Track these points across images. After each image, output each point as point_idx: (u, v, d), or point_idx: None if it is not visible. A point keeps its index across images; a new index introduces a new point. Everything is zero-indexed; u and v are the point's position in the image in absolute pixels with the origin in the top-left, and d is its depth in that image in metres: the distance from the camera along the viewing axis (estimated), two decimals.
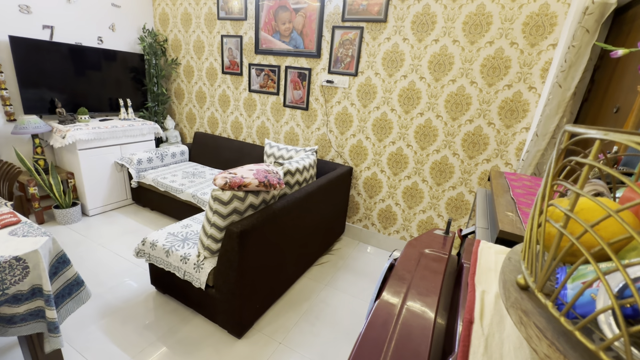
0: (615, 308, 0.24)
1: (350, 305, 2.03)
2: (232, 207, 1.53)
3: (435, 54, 2.19)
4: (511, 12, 1.93)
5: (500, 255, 0.71)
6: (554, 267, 0.32)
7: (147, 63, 3.29)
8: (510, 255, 0.47)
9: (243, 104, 3.14)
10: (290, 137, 2.97)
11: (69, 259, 1.27)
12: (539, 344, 0.30)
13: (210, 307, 1.72)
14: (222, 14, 2.95)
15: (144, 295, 1.92)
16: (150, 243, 1.77)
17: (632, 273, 0.26)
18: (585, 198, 0.33)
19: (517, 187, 1.29)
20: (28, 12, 2.51)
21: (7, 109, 2.47)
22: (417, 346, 0.52)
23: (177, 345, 1.61)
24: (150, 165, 2.99)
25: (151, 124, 3.13)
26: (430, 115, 2.32)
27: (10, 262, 1.04)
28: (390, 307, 0.61)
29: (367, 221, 2.81)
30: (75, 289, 1.31)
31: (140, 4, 3.31)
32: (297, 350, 1.65)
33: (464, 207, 2.38)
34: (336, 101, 2.64)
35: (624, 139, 0.26)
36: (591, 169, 0.31)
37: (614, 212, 0.26)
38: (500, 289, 0.41)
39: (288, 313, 1.90)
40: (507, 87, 2.04)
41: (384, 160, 2.58)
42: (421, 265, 0.77)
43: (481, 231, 1.11)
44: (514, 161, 2.15)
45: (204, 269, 1.58)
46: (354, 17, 2.37)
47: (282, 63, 2.80)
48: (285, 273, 2.00)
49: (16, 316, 1.12)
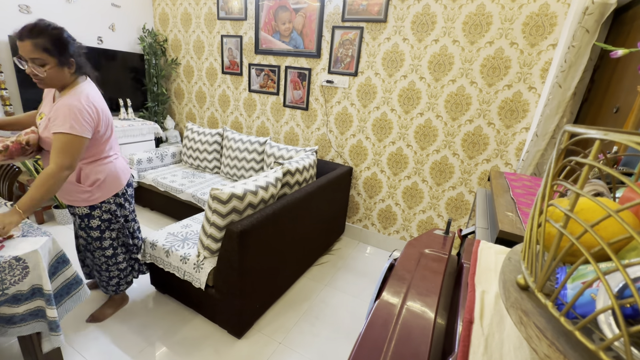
0: (615, 308, 0.24)
1: (350, 305, 2.03)
2: (231, 206, 1.53)
3: (435, 54, 2.19)
4: (511, 12, 1.93)
5: (500, 255, 0.71)
6: (554, 267, 0.32)
7: (147, 63, 3.29)
8: (510, 255, 0.47)
9: (243, 104, 3.14)
10: (290, 137, 2.97)
11: (68, 259, 1.27)
12: (539, 344, 0.30)
13: (210, 307, 1.72)
14: (222, 14, 2.95)
15: (143, 295, 1.92)
16: (150, 243, 1.76)
17: (632, 273, 0.26)
18: (585, 198, 0.33)
19: (517, 187, 1.29)
20: (28, 12, 2.51)
21: (7, 109, 2.47)
22: (417, 346, 0.52)
23: (177, 345, 1.61)
24: (150, 165, 2.99)
25: (151, 124, 3.13)
26: (430, 116, 2.32)
27: (10, 262, 1.04)
28: (390, 307, 0.61)
29: (367, 221, 2.81)
30: (74, 288, 1.31)
31: (140, 4, 3.31)
32: (297, 350, 1.65)
33: (464, 207, 2.38)
34: (336, 101, 2.64)
35: (624, 139, 0.26)
36: (591, 169, 0.31)
37: (614, 212, 0.26)
38: (500, 289, 0.41)
39: (288, 313, 1.90)
40: (507, 87, 2.04)
41: (383, 160, 2.58)
42: (421, 265, 0.77)
43: (481, 231, 1.11)
44: (513, 161, 2.15)
45: (203, 269, 1.58)
46: (354, 17, 2.37)
47: (282, 63, 2.80)
48: (285, 273, 2.00)
49: (16, 316, 1.12)
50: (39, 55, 1.19)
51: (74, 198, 1.46)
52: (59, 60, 1.24)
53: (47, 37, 1.19)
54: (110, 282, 1.69)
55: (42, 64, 1.21)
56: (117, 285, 1.71)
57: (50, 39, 1.20)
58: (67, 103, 1.27)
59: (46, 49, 1.20)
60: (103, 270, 1.65)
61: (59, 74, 1.27)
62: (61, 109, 1.26)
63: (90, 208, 1.49)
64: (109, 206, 1.55)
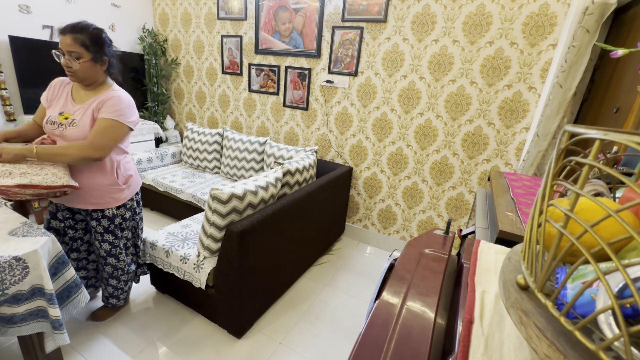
0: (615, 308, 0.24)
1: (350, 305, 2.03)
2: (231, 206, 1.53)
3: (435, 54, 2.19)
4: (511, 12, 1.93)
5: (500, 255, 0.71)
6: (554, 267, 0.32)
7: (147, 63, 3.29)
8: (510, 255, 0.47)
9: (243, 104, 3.14)
10: (290, 137, 2.97)
11: (68, 260, 1.27)
12: (539, 344, 0.30)
13: (210, 307, 1.72)
14: (222, 14, 2.95)
15: (143, 295, 1.92)
16: (150, 243, 1.76)
17: (632, 273, 0.26)
18: (585, 198, 0.33)
19: (517, 187, 1.29)
20: (28, 12, 2.51)
21: (7, 109, 2.47)
22: (417, 346, 0.52)
23: (177, 345, 1.61)
24: (150, 165, 2.99)
25: (151, 124, 3.13)
26: (430, 116, 2.32)
27: (10, 262, 1.04)
28: (390, 307, 0.61)
29: (367, 221, 2.81)
30: (74, 292, 1.31)
31: (140, 4, 3.31)
32: (297, 350, 1.65)
33: (464, 207, 2.38)
34: (336, 101, 2.64)
35: (624, 139, 0.26)
36: (591, 169, 0.31)
37: (614, 212, 0.26)
38: (500, 289, 0.41)
39: (288, 313, 1.90)
40: (507, 87, 2.04)
41: (383, 160, 2.58)
42: (421, 265, 0.77)
43: (481, 231, 1.11)
44: (513, 161, 2.15)
45: (203, 269, 1.58)
46: (354, 17, 2.37)
47: (282, 63, 2.80)
48: (285, 273, 2.00)
49: (16, 316, 1.12)
50: (77, 49, 1.27)
51: (107, 200, 1.46)
52: (94, 56, 1.32)
53: (86, 34, 1.29)
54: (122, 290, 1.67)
55: (77, 57, 1.28)
56: (127, 293, 1.73)
57: (89, 36, 1.29)
58: (117, 95, 1.37)
59: (84, 43, 1.28)
60: (117, 277, 1.61)
61: (91, 69, 1.33)
62: (110, 100, 1.35)
63: (117, 208, 1.51)
64: (132, 203, 1.58)
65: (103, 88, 1.41)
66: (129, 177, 1.53)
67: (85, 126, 1.33)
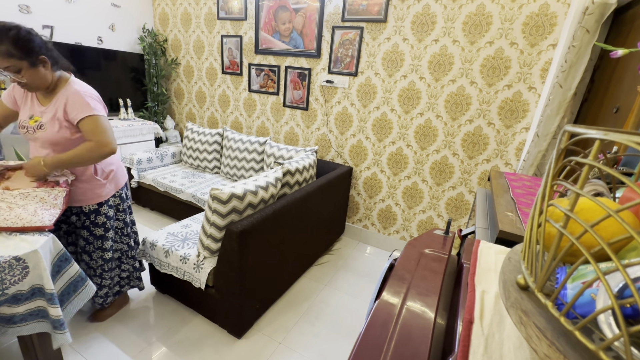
0: (615, 308, 0.24)
1: (350, 305, 2.03)
2: (231, 206, 1.53)
3: (435, 54, 2.19)
4: (511, 12, 1.93)
5: (500, 255, 0.71)
6: (554, 267, 0.32)
7: (147, 63, 3.29)
8: (510, 255, 0.47)
9: (243, 104, 3.14)
10: (290, 137, 2.97)
11: (70, 257, 1.26)
12: (539, 344, 0.30)
13: (210, 307, 1.72)
14: (222, 14, 2.95)
15: (143, 295, 1.92)
16: (150, 243, 1.76)
17: (632, 273, 0.26)
18: (585, 198, 0.33)
19: (517, 187, 1.29)
20: (28, 12, 2.51)
21: None
22: (417, 346, 0.52)
23: (177, 345, 1.61)
24: (150, 165, 2.99)
25: (151, 124, 3.13)
26: (430, 116, 2.32)
27: (10, 262, 1.04)
28: (390, 307, 0.61)
29: (367, 221, 2.81)
30: (80, 285, 1.31)
31: (140, 4, 3.31)
32: (297, 350, 1.65)
33: (463, 207, 2.38)
34: (336, 101, 2.64)
35: (624, 139, 0.26)
36: (591, 169, 0.31)
37: (614, 212, 0.26)
38: (500, 289, 0.41)
39: (288, 313, 1.90)
40: (507, 87, 2.04)
41: (383, 160, 2.58)
42: (421, 265, 0.77)
43: (481, 231, 1.11)
44: (513, 161, 2.15)
45: (203, 269, 1.58)
46: (353, 17, 2.37)
47: (282, 63, 2.80)
48: (285, 273, 2.00)
49: (16, 316, 1.11)
50: (8, 62, 1.13)
51: (87, 196, 1.45)
52: (30, 62, 1.17)
53: (7, 43, 1.11)
54: (99, 291, 1.61)
55: (16, 70, 1.16)
56: (105, 297, 1.65)
57: (10, 43, 1.12)
58: (73, 91, 1.31)
59: (10, 53, 1.12)
60: (96, 276, 1.58)
61: (37, 74, 1.21)
62: (71, 98, 1.29)
63: (99, 204, 1.49)
64: (115, 200, 1.56)
65: (60, 85, 1.33)
66: (110, 171, 1.50)
67: (54, 128, 1.30)
